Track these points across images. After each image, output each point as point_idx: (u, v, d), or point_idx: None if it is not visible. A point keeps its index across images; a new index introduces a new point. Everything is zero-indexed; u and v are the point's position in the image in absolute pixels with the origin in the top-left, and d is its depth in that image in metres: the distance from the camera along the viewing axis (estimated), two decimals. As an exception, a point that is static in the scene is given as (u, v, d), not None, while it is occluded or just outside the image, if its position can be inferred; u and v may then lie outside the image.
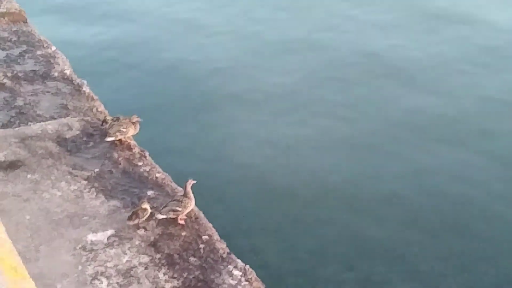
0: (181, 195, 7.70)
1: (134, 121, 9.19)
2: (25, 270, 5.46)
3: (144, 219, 7.47)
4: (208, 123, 11.89)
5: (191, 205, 7.62)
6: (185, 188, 7.68)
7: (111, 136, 9.07)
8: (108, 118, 9.50)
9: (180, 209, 7.52)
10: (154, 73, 13.73)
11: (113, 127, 9.14)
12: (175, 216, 7.55)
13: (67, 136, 9.34)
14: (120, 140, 9.16)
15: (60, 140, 9.22)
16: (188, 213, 7.67)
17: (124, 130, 9.11)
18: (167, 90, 12.97)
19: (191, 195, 7.65)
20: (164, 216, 7.53)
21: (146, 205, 7.49)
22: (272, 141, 11.45)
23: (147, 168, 8.70)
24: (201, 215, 7.86)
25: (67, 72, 11.38)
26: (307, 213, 9.46)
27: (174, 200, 7.63)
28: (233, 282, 6.82)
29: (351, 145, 11.22)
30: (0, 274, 4.62)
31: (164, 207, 7.57)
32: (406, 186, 10.16)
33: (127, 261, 6.98)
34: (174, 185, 8.37)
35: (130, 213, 7.52)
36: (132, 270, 6.84)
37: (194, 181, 7.74)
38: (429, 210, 9.64)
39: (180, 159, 10.67)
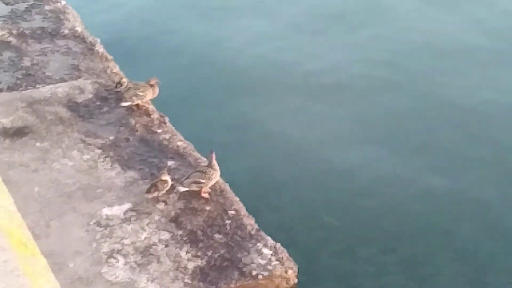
0: (205, 166, 7.67)
1: (152, 83, 9.15)
2: (35, 246, 5.49)
3: (164, 192, 7.48)
4: (236, 92, 11.82)
5: (216, 176, 7.60)
6: (209, 159, 7.65)
7: (127, 101, 9.06)
8: (124, 80, 9.48)
9: (204, 181, 7.50)
10: (179, 44, 13.63)
11: (129, 90, 9.11)
12: (198, 188, 7.54)
13: (79, 100, 9.35)
14: (137, 105, 9.15)
15: (71, 105, 9.23)
16: (212, 185, 7.66)
17: (142, 94, 9.08)
18: (193, 61, 12.88)
19: (216, 166, 7.62)
20: (186, 189, 7.53)
21: (166, 177, 7.49)
22: (304, 111, 11.35)
23: (167, 136, 8.68)
24: (227, 187, 7.85)
25: (79, 29, 11.36)
26: (343, 187, 9.37)
27: (197, 171, 7.62)
28: (262, 262, 6.81)
29: (393, 117, 11.08)
30: (9, 249, 4.63)
31: (186, 178, 7.57)
32: (453, 156, 10.04)
33: (145, 238, 7.00)
34: (197, 154, 8.36)
35: (148, 186, 7.53)
36: (151, 247, 6.87)
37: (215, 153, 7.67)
38: (479, 182, 9.51)
39: (203, 127, 10.62)
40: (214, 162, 7.63)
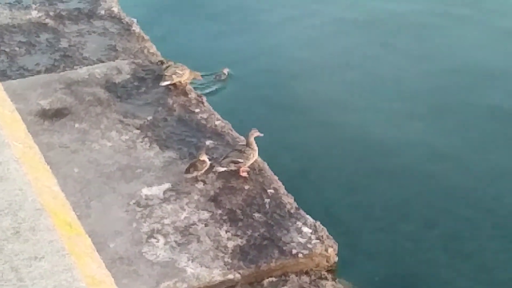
0: (243, 145, 7.69)
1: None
2: (80, 226, 5.55)
3: (203, 171, 7.51)
4: (275, 71, 11.76)
5: (254, 156, 7.62)
6: (247, 138, 7.66)
7: (166, 80, 9.09)
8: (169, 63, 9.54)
9: (242, 160, 7.52)
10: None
11: (169, 69, 9.15)
12: (236, 168, 7.55)
13: (117, 81, 9.42)
14: (175, 84, 9.18)
15: (109, 85, 9.31)
16: (251, 164, 7.67)
17: (181, 72, 9.11)
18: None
19: (255, 145, 7.64)
20: (224, 169, 7.56)
21: (204, 156, 7.53)
22: (343, 83, 11.28)
23: (205, 115, 8.72)
24: (266, 166, 7.87)
25: (115, 9, 11.43)
26: (384, 163, 9.28)
27: (235, 150, 7.65)
28: (302, 240, 6.82)
29: (431, 92, 10.96)
30: (54, 230, 4.69)
31: (224, 158, 7.60)
32: (497, 132, 9.90)
33: (185, 217, 7.05)
34: (235, 133, 8.38)
35: (187, 165, 7.56)
36: (191, 227, 6.92)
37: (261, 134, 7.70)
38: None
39: (242, 105, 10.61)
40: (252, 140, 7.64)
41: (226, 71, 10.83)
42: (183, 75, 9.23)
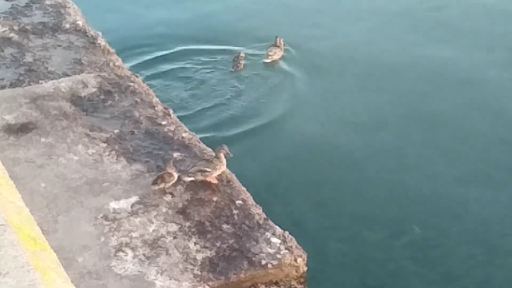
0: (212, 156, 7.70)
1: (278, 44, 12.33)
2: (45, 240, 5.50)
3: (170, 183, 7.48)
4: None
5: (221, 168, 7.61)
6: (217, 153, 7.66)
7: (268, 58, 12.14)
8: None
9: (209, 170, 7.52)
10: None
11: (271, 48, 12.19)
12: (203, 177, 7.54)
13: (83, 95, 9.35)
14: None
15: (75, 99, 9.24)
16: (219, 176, 7.67)
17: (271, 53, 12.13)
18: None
19: (223, 159, 7.63)
20: (191, 179, 7.55)
21: (172, 169, 7.50)
22: (309, 94, 11.34)
23: (172, 128, 8.69)
24: (234, 177, 7.86)
25: (80, 23, 11.36)
26: (350, 174, 9.35)
27: (203, 160, 7.66)
28: (271, 251, 6.82)
29: (396, 101, 11.07)
30: (18, 245, 4.63)
31: (191, 167, 7.59)
32: (462, 140, 10.01)
33: (153, 230, 7.01)
34: (202, 145, 8.37)
35: (155, 178, 7.53)
36: (160, 240, 6.88)
37: (230, 154, 7.72)
38: (489, 165, 9.48)
39: (207, 117, 10.63)
40: (221, 155, 7.64)
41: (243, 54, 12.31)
42: (274, 54, 11.95)
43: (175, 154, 8.13)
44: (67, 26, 11.23)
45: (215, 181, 7.60)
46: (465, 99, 11.06)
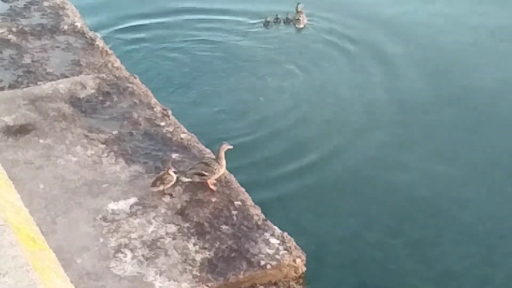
0: (212, 158, 7.67)
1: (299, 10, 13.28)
2: (44, 240, 5.49)
3: (169, 185, 7.47)
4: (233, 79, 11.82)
5: (220, 171, 7.58)
6: (218, 152, 7.61)
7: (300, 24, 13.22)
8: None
9: (207, 174, 7.50)
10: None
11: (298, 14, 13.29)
12: (200, 180, 7.54)
13: (81, 96, 9.35)
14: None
15: (74, 101, 9.23)
16: (217, 177, 7.65)
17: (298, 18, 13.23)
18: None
19: (223, 161, 7.59)
20: (188, 180, 7.54)
21: (171, 170, 7.49)
22: (305, 94, 11.35)
23: (171, 129, 8.69)
24: (232, 178, 7.86)
25: (78, 24, 11.36)
26: (348, 174, 9.34)
27: (202, 163, 7.63)
28: (270, 252, 6.82)
29: (393, 103, 11.07)
30: (17, 245, 4.63)
31: (190, 169, 7.58)
32: (459, 141, 10.02)
33: (152, 231, 7.01)
34: (201, 146, 8.38)
35: (154, 179, 7.52)
36: (159, 241, 6.88)
37: (230, 147, 7.68)
38: (486, 165, 9.49)
39: (206, 118, 10.62)
40: (222, 155, 7.60)
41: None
42: (301, 19, 13.18)
43: (174, 155, 8.14)
44: (66, 27, 11.23)
45: (213, 188, 7.58)
46: (462, 104, 11.05)
